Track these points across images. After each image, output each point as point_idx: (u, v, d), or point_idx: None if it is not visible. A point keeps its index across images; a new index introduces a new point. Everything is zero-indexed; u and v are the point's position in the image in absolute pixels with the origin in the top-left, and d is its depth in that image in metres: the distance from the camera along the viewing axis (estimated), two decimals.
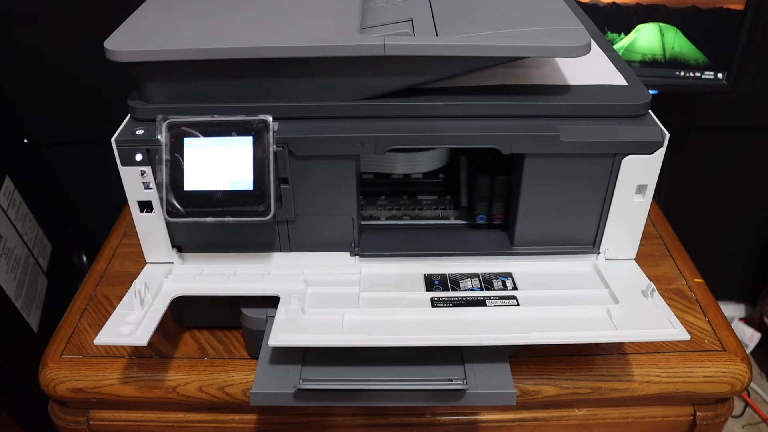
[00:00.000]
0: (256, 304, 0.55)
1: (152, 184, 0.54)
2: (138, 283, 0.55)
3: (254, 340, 0.56)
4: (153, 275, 0.57)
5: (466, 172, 0.64)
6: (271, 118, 0.51)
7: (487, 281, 0.57)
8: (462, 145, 0.53)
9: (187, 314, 0.61)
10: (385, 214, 0.65)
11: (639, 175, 0.54)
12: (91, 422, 0.61)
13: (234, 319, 0.57)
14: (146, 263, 0.59)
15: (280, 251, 0.59)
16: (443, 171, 0.70)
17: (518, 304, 0.54)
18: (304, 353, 0.54)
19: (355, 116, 0.53)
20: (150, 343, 0.50)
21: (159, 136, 0.51)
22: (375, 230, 0.63)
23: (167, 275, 0.57)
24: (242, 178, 0.51)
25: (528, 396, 0.58)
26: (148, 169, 0.53)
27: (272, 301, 0.54)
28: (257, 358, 0.54)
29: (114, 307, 0.53)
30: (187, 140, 0.51)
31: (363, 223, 0.63)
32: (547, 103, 0.53)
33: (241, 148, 0.51)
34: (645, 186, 0.55)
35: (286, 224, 0.57)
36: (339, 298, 0.55)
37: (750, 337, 1.42)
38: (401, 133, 0.52)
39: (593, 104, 0.54)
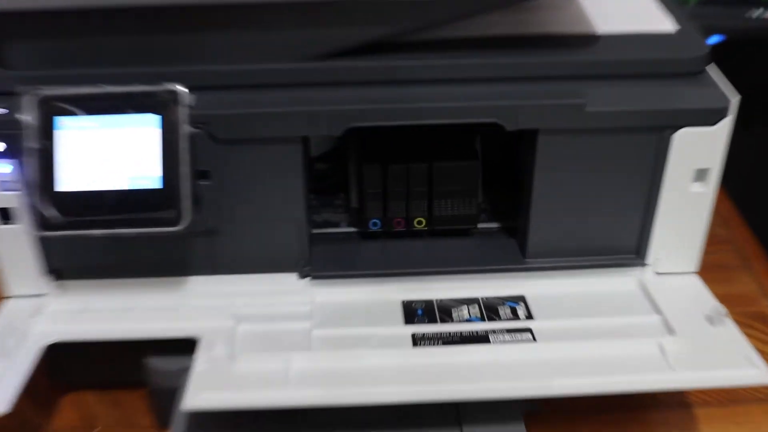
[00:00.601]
0: (165, 352, 0.54)
1: (15, 185, 0.53)
2: None
3: (164, 401, 0.54)
4: (17, 313, 0.56)
5: (355, 160, 0.63)
6: (183, 88, 0.51)
7: (490, 308, 0.58)
8: (450, 120, 0.53)
9: (67, 368, 0.60)
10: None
11: (697, 155, 0.55)
12: None
13: (134, 374, 0.55)
14: (6, 297, 0.58)
15: (200, 275, 0.59)
16: (331, 157, 0.69)
17: (534, 340, 0.55)
18: (236, 418, 0.52)
19: (300, 83, 0.53)
20: (13, 410, 0.49)
21: (24, 116, 0.51)
22: (332, 241, 0.63)
23: (37, 313, 0.57)
24: (144, 173, 0.51)
25: None
26: (8, 163, 0.52)
27: (189, 347, 0.53)
28: (169, 428, 0.53)
29: None
30: (64, 120, 0.51)
31: (315, 231, 0.64)
32: (567, 60, 0.54)
33: (142, 130, 0.51)
34: (706, 170, 0.55)
35: (207, 236, 0.57)
36: (283, 338, 0.55)
37: None
38: (366, 105, 0.52)
39: (631, 59, 0.54)
